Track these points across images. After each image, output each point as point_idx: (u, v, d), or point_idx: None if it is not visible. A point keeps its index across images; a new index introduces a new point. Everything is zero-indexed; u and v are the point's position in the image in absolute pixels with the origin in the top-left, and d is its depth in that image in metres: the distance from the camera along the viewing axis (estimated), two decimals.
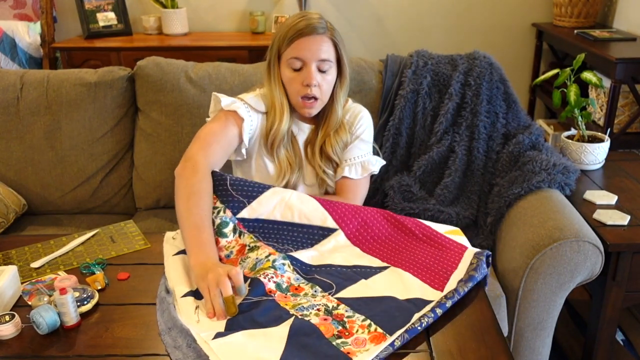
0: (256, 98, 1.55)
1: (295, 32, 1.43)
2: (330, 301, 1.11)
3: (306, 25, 1.43)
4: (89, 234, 1.42)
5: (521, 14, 3.32)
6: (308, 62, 1.45)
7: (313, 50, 1.44)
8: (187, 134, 1.97)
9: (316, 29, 1.44)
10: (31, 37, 3.07)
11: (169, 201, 2.02)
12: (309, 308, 1.09)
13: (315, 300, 1.12)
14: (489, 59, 1.92)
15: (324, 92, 1.49)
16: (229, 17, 3.34)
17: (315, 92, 1.46)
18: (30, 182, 1.98)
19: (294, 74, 1.47)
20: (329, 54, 1.46)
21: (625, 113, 2.47)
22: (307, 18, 1.45)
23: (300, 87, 1.46)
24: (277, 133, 1.51)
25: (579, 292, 2.12)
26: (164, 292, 1.15)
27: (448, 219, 1.74)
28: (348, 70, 1.54)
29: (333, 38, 1.47)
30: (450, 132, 1.89)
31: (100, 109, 1.98)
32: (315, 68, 1.45)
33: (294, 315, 1.07)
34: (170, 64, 2.02)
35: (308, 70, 1.45)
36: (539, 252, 1.47)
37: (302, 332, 1.01)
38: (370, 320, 1.05)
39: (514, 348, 1.60)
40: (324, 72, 1.47)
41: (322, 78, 1.47)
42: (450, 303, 1.08)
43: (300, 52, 1.44)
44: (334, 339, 1.01)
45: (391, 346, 0.97)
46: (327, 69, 1.47)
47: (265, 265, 1.20)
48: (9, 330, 1.04)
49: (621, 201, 1.70)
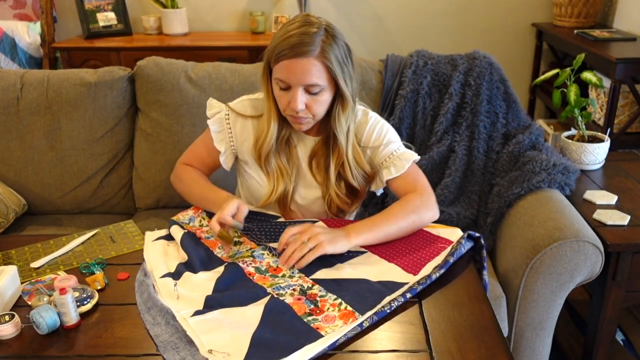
0: (250, 102, 1.48)
1: (281, 50, 1.27)
2: (306, 282, 1.16)
3: (293, 46, 1.26)
4: (89, 234, 1.42)
5: (521, 14, 3.32)
6: (293, 86, 1.30)
7: (298, 75, 1.28)
8: (187, 134, 1.97)
9: (303, 52, 1.26)
10: (31, 37, 3.07)
11: (169, 201, 2.02)
12: (285, 288, 1.14)
13: (292, 280, 1.17)
14: (489, 59, 1.92)
15: (315, 112, 1.34)
16: (229, 17, 3.34)
17: (302, 115, 1.33)
18: (30, 182, 1.98)
19: (281, 92, 1.33)
20: (318, 78, 1.29)
21: (625, 113, 2.47)
22: (298, 35, 1.27)
23: (287, 107, 1.33)
24: (263, 143, 1.40)
25: (579, 292, 2.12)
26: (142, 276, 1.20)
27: (449, 219, 1.74)
28: (351, 86, 1.35)
29: (324, 60, 1.28)
30: (450, 132, 1.89)
31: (100, 109, 1.98)
32: (302, 91, 1.30)
33: (271, 294, 1.12)
34: (170, 64, 2.01)
35: (294, 94, 1.30)
36: (539, 252, 1.47)
37: (275, 311, 1.07)
38: (341, 299, 1.10)
39: (514, 348, 1.60)
40: (314, 93, 1.31)
41: (311, 99, 1.32)
42: (420, 288, 1.12)
43: (284, 75, 1.29)
44: (305, 316, 1.06)
45: (359, 327, 1.02)
46: (317, 91, 1.31)
47: (245, 255, 1.27)
48: (9, 330, 1.04)
49: (621, 201, 1.70)
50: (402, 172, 1.41)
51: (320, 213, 1.50)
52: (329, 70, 1.29)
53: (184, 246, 1.28)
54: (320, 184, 1.46)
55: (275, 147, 1.42)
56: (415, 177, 1.43)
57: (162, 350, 0.99)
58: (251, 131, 1.46)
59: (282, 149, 1.44)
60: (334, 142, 1.41)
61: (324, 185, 1.45)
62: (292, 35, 1.27)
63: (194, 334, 1.00)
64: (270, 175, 1.44)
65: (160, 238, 1.36)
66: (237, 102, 1.49)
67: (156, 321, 1.06)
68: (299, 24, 1.29)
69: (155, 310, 1.08)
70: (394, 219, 1.31)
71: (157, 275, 1.20)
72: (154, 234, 1.38)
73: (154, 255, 1.28)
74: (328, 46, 1.28)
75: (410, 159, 1.42)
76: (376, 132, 1.45)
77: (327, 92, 1.33)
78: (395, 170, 1.41)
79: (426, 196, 1.37)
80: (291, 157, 1.46)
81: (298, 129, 1.40)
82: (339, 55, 1.31)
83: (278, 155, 1.44)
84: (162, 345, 1.00)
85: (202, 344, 0.98)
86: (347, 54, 1.34)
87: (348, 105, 1.36)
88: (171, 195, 2.00)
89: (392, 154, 1.43)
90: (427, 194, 1.38)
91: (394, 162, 1.42)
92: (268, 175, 1.44)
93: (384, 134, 1.45)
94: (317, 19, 1.31)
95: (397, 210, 1.33)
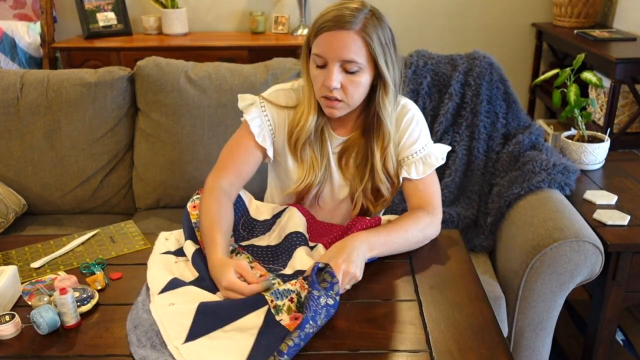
0: (284, 92, 1.40)
1: (321, 24, 1.23)
2: (304, 289, 1.09)
3: (332, 17, 1.22)
4: (89, 234, 1.42)
5: (521, 14, 3.32)
6: (329, 61, 1.24)
7: (335, 48, 1.23)
8: (187, 134, 1.97)
9: (343, 23, 1.21)
10: (31, 37, 3.07)
11: (169, 201, 2.02)
12: (284, 295, 1.08)
13: (291, 284, 1.11)
14: (489, 59, 1.92)
15: (350, 95, 1.27)
16: (229, 17, 3.34)
17: (336, 95, 1.27)
18: (30, 182, 1.98)
19: (317, 70, 1.27)
20: (356, 54, 1.23)
21: (625, 113, 2.47)
22: (339, 8, 1.23)
23: (322, 86, 1.27)
24: (301, 132, 1.35)
25: (579, 292, 2.12)
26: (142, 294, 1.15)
27: (449, 219, 1.74)
28: (393, 72, 1.29)
29: (365, 36, 1.22)
30: (450, 132, 1.89)
31: (100, 109, 1.98)
32: (339, 68, 1.25)
33: (268, 306, 1.05)
34: (170, 64, 2.02)
35: (329, 70, 1.25)
36: (539, 252, 1.47)
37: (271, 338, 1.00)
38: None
39: (514, 348, 1.60)
40: (352, 72, 1.25)
41: (347, 79, 1.26)
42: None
43: (322, 49, 1.24)
44: None
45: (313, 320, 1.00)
46: (355, 70, 1.25)
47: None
48: (9, 330, 1.04)
49: (621, 201, 1.70)
50: (421, 177, 1.36)
51: (344, 214, 1.45)
52: (370, 48, 1.23)
53: (197, 266, 1.22)
54: (350, 180, 1.41)
55: (312, 135, 1.37)
56: (431, 192, 1.37)
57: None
58: (286, 120, 1.39)
59: (317, 139, 1.38)
60: (377, 130, 1.34)
61: (353, 181, 1.40)
62: (332, 10, 1.24)
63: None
64: (303, 163, 1.39)
65: (167, 253, 1.29)
66: (271, 92, 1.42)
67: (141, 343, 1.00)
68: (339, 2, 1.26)
69: (141, 330, 1.03)
70: (403, 240, 1.27)
71: (155, 290, 1.14)
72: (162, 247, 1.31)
73: (156, 269, 1.22)
74: (371, 24, 1.24)
75: (434, 164, 1.37)
76: (409, 130, 1.38)
77: (365, 73, 1.26)
78: (416, 171, 1.36)
79: (436, 218, 1.34)
80: (323, 150, 1.40)
81: (330, 113, 1.32)
82: (382, 37, 1.25)
83: (312, 145, 1.38)
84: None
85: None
86: (392, 39, 1.28)
87: (390, 90, 1.29)
88: (171, 195, 2.01)
89: (419, 150, 1.37)
90: (438, 215, 1.35)
91: (416, 162, 1.37)
92: (301, 163, 1.39)
93: (416, 133, 1.38)
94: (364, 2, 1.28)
95: (410, 227, 1.29)
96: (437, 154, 1.38)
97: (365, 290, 1.16)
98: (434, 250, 1.31)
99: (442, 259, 1.27)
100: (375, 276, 1.20)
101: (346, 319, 1.07)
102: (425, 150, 1.38)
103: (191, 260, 1.24)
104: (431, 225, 1.32)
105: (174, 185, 1.99)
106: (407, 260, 1.26)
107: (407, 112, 1.38)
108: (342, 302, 1.11)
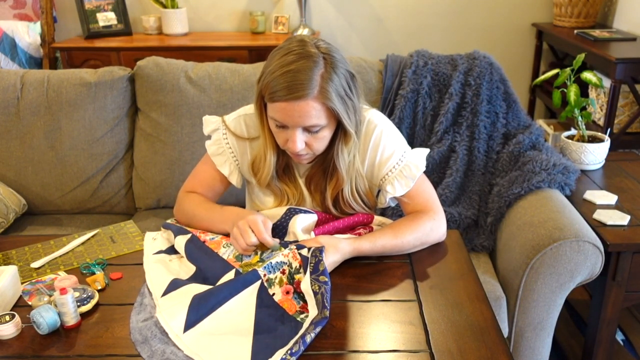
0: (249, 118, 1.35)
1: (275, 91, 1.15)
2: (295, 258, 1.13)
3: (289, 87, 1.13)
4: (89, 234, 1.42)
5: (521, 14, 3.32)
6: (290, 127, 1.19)
7: (294, 117, 1.16)
8: (187, 134, 1.97)
9: (298, 92, 1.13)
10: (31, 37, 3.07)
11: (169, 201, 2.02)
12: (275, 267, 1.12)
13: (283, 254, 1.14)
14: (489, 59, 1.93)
15: (316, 148, 1.24)
16: (229, 17, 3.34)
17: (301, 153, 1.24)
18: (30, 182, 1.98)
19: (277, 128, 1.22)
20: (318, 119, 1.17)
21: (625, 113, 2.47)
22: (294, 73, 1.13)
23: (285, 143, 1.23)
24: (264, 169, 1.31)
25: (579, 292, 2.12)
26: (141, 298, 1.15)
27: (451, 219, 1.74)
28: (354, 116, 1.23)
29: (324, 100, 1.15)
30: (450, 132, 1.89)
31: (100, 109, 1.98)
32: (301, 131, 1.19)
33: (261, 280, 1.10)
34: (170, 64, 2.02)
35: (292, 135, 1.19)
36: (539, 252, 1.47)
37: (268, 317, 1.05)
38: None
39: (514, 348, 1.60)
40: (314, 132, 1.20)
41: (311, 138, 1.21)
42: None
43: (280, 116, 1.17)
44: (297, 315, 1.06)
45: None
46: (317, 130, 1.20)
47: (254, 261, 1.21)
48: (9, 330, 1.04)
49: (621, 201, 1.70)
50: (408, 191, 1.31)
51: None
52: (329, 106, 1.17)
53: (192, 258, 1.23)
54: (322, 202, 1.37)
55: (275, 175, 1.34)
56: (425, 196, 1.33)
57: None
58: (247, 150, 1.37)
59: (282, 174, 1.36)
60: (331, 174, 1.31)
61: (324, 203, 1.36)
62: (287, 72, 1.13)
63: (193, 352, 0.98)
64: (274, 193, 1.37)
65: (159, 252, 1.30)
66: (234, 119, 1.37)
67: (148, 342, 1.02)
68: (295, 57, 1.14)
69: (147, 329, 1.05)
70: (400, 244, 1.25)
71: (158, 294, 1.14)
72: (153, 245, 1.33)
73: (154, 272, 1.22)
74: (327, 82, 1.15)
75: (415, 175, 1.31)
76: (381, 147, 1.32)
77: (327, 128, 1.22)
78: (400, 186, 1.31)
79: (438, 220, 1.30)
80: (292, 177, 1.37)
81: (298, 162, 1.31)
82: (340, 89, 1.18)
83: (279, 179, 1.36)
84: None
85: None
86: (350, 83, 1.21)
87: (351, 139, 1.25)
88: (171, 195, 2.01)
89: (396, 164, 1.31)
90: (439, 216, 1.31)
91: (397, 177, 1.31)
92: (272, 193, 1.38)
93: (389, 148, 1.32)
94: (314, 46, 1.17)
95: (407, 231, 1.26)
96: (416, 162, 1.32)
97: (366, 290, 1.16)
98: (434, 250, 1.31)
99: (442, 259, 1.27)
100: (376, 276, 1.20)
101: (346, 319, 1.07)
102: (402, 162, 1.32)
103: (185, 253, 1.25)
104: (434, 230, 1.29)
105: (174, 185, 1.99)
106: (407, 261, 1.26)
107: (374, 128, 1.32)
108: (342, 302, 1.11)
